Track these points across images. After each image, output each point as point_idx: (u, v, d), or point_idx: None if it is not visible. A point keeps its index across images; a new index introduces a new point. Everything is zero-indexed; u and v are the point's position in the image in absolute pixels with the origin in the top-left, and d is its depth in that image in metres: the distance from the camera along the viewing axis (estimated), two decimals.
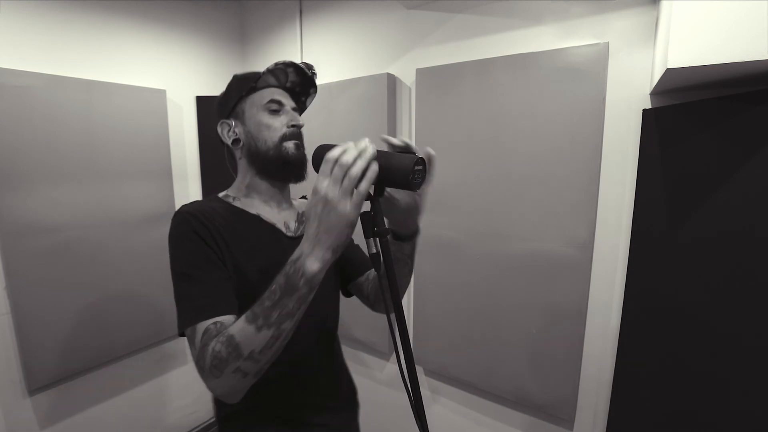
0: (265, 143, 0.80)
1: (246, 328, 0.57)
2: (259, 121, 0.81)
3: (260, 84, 0.83)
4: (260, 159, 0.81)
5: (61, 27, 1.59)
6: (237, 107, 0.84)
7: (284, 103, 0.84)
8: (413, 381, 0.61)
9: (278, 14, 2.10)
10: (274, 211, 0.86)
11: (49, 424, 1.65)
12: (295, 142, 0.83)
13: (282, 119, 0.83)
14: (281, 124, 0.82)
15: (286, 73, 0.85)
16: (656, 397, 1.14)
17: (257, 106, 0.82)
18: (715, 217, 0.99)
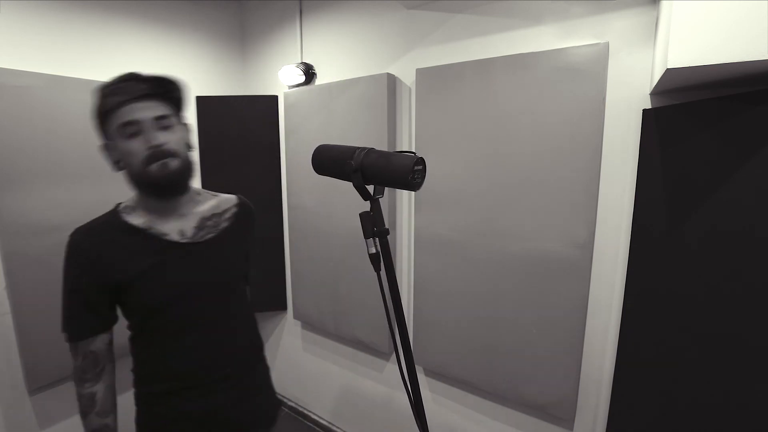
0: (132, 168, 0.82)
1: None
2: (120, 148, 0.81)
3: (109, 105, 0.81)
4: (134, 181, 0.85)
5: (61, 27, 1.59)
6: (105, 131, 0.84)
7: (141, 120, 0.80)
8: (413, 381, 0.61)
9: (278, 14, 2.10)
10: (165, 222, 0.90)
11: (49, 424, 1.65)
12: (160, 163, 0.81)
13: (140, 141, 0.80)
14: (140, 147, 0.80)
15: (124, 89, 0.81)
16: (656, 397, 1.14)
17: (114, 131, 0.81)
18: (715, 217, 0.99)
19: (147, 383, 0.95)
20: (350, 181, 0.63)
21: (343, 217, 1.86)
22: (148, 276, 0.85)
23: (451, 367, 1.63)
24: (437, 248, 1.60)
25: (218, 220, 0.99)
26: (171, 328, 0.90)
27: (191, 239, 0.91)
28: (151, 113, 0.81)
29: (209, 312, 0.93)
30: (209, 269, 0.93)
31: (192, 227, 0.93)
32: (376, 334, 1.85)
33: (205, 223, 0.95)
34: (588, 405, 1.38)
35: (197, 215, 0.95)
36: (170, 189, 0.86)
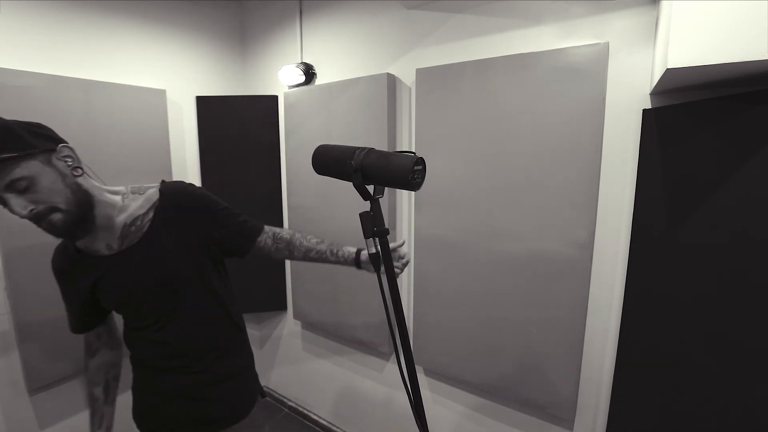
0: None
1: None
2: None
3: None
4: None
5: (61, 27, 1.59)
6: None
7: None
8: (413, 381, 0.61)
9: (278, 14, 2.10)
10: (92, 242, 0.94)
11: (49, 424, 1.65)
12: (45, 222, 0.79)
13: (13, 212, 0.77)
14: (18, 216, 0.77)
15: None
16: (656, 397, 1.14)
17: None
18: (715, 217, 0.99)
19: (134, 362, 1.10)
20: (350, 181, 0.63)
21: (343, 217, 1.86)
22: (97, 288, 0.96)
23: (451, 367, 1.63)
24: (437, 248, 1.60)
25: (141, 223, 0.96)
26: (137, 324, 1.01)
27: (117, 250, 0.95)
28: (3, 180, 0.74)
29: (158, 310, 0.99)
30: (140, 274, 0.95)
31: (116, 238, 0.95)
32: (376, 335, 1.85)
33: (129, 231, 0.95)
34: (588, 405, 1.38)
35: (119, 225, 0.95)
36: (70, 237, 0.88)
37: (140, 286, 0.96)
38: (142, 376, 1.10)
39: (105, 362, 1.11)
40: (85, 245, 0.95)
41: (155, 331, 1.00)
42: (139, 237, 0.96)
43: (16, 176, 0.74)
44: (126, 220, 0.96)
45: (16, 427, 1.55)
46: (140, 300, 0.97)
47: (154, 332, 1.00)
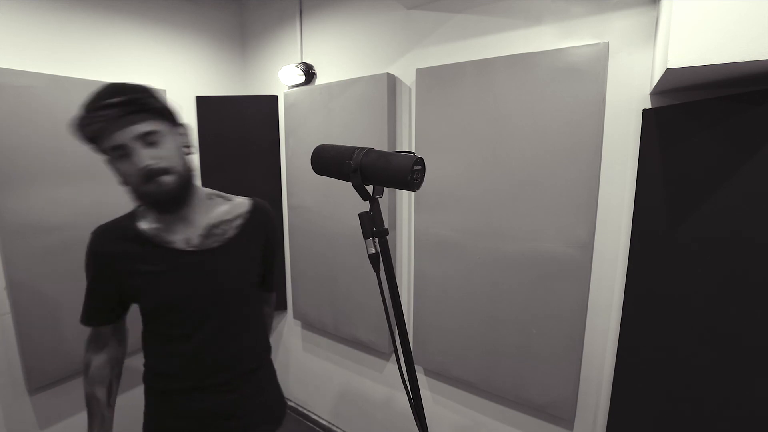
0: (129, 188, 0.83)
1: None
2: (115, 170, 0.82)
3: (89, 134, 0.78)
4: (135, 199, 0.86)
5: (61, 27, 1.59)
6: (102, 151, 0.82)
7: (124, 143, 0.77)
8: (413, 381, 0.61)
9: (278, 14, 2.10)
10: (172, 230, 0.90)
11: (49, 424, 1.65)
12: (155, 181, 0.79)
13: (132, 162, 0.78)
14: (131, 168, 0.78)
15: (98, 118, 0.77)
16: (656, 397, 1.14)
17: (106, 155, 0.81)
18: (715, 217, 0.99)
19: (155, 380, 0.97)
20: (349, 181, 0.63)
21: (343, 217, 1.85)
22: (151, 284, 0.88)
23: (451, 367, 1.63)
24: (437, 249, 1.60)
25: (226, 227, 0.96)
26: (175, 332, 0.92)
27: (196, 247, 0.91)
28: (132, 133, 0.77)
29: (212, 318, 0.93)
30: (211, 277, 0.92)
31: (198, 235, 0.92)
32: (376, 334, 1.85)
33: (213, 231, 0.94)
34: (588, 405, 1.37)
35: (205, 223, 0.93)
36: (169, 204, 0.85)
37: (202, 292, 0.91)
38: (162, 396, 0.97)
39: (113, 357, 1.01)
40: (158, 232, 0.89)
41: (192, 344, 0.91)
42: (221, 242, 0.94)
43: (150, 129, 0.79)
44: (212, 221, 0.95)
45: (16, 427, 1.55)
46: (193, 306, 0.91)
47: (190, 344, 0.91)
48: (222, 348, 0.95)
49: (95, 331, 0.98)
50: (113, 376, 1.04)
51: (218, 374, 0.94)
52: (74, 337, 1.64)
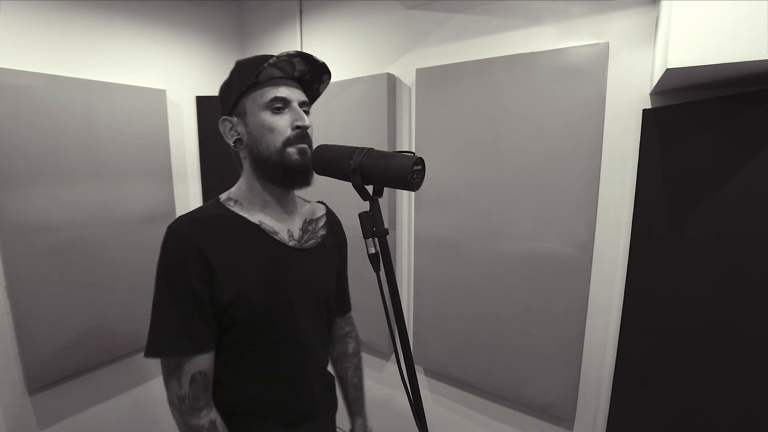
0: (268, 147, 0.74)
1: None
2: (261, 122, 0.74)
3: (262, 77, 0.74)
4: (262, 163, 0.76)
5: (61, 27, 1.59)
6: (239, 104, 0.76)
7: (290, 99, 0.76)
8: (413, 381, 0.61)
9: (278, 14, 2.10)
10: (277, 219, 0.81)
11: (49, 424, 1.65)
12: (300, 147, 0.75)
13: (286, 119, 0.75)
14: (285, 125, 0.75)
15: (293, 63, 0.77)
16: (656, 397, 1.14)
17: (259, 104, 0.74)
18: (715, 217, 0.99)
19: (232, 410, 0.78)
20: (349, 181, 0.63)
21: (343, 217, 1.85)
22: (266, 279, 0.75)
23: (451, 367, 1.63)
24: (437, 248, 1.60)
25: (315, 228, 0.90)
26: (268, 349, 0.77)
27: (298, 243, 0.82)
28: (299, 97, 0.77)
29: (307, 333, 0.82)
30: (312, 280, 0.83)
31: (298, 229, 0.84)
32: (376, 334, 1.85)
33: (308, 228, 0.87)
34: (588, 405, 1.37)
35: (301, 217, 0.88)
36: (301, 177, 0.76)
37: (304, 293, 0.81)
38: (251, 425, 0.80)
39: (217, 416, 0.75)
40: (266, 219, 0.79)
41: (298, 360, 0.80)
42: (316, 239, 0.87)
43: (308, 101, 0.81)
44: (308, 216, 0.90)
45: (16, 427, 1.55)
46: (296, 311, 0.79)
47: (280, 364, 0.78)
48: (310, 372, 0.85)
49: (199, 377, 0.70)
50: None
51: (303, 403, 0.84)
52: (74, 337, 1.64)
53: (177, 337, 0.69)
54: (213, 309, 0.71)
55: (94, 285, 1.69)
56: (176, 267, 0.69)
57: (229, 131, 0.78)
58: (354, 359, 1.04)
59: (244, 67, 0.76)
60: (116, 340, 1.79)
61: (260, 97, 0.74)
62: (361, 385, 1.06)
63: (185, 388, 0.70)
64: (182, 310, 0.69)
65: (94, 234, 1.68)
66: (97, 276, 1.70)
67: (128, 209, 1.79)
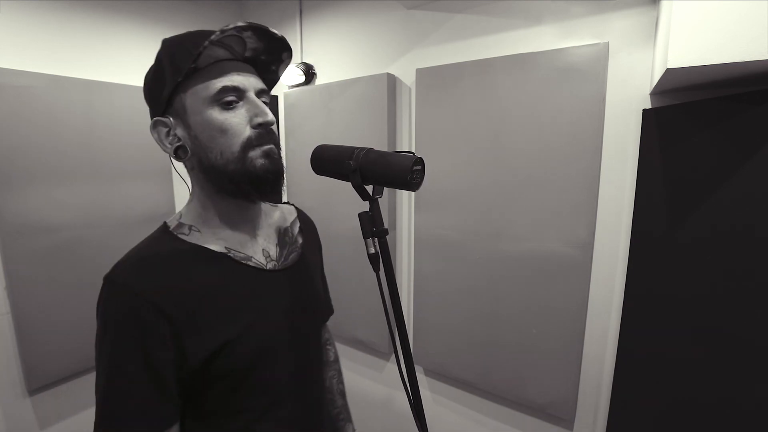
0: (222, 154, 0.57)
1: None
2: (208, 122, 0.56)
3: (203, 62, 0.56)
4: (217, 175, 0.58)
5: (61, 27, 1.59)
6: (174, 99, 0.58)
7: (245, 88, 0.58)
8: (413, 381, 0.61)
9: (278, 14, 2.10)
10: (246, 240, 0.65)
11: (49, 424, 1.65)
12: (265, 149, 0.59)
13: (242, 114, 0.58)
14: (242, 122, 0.57)
15: (243, 40, 0.59)
16: (656, 397, 1.14)
17: (203, 98, 0.56)
18: (716, 217, 0.99)
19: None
20: (349, 181, 0.62)
21: (343, 217, 1.85)
22: (251, 318, 0.61)
23: (451, 367, 1.63)
24: (437, 248, 1.60)
25: (292, 237, 0.75)
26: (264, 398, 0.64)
27: (278, 263, 0.68)
28: (256, 84, 0.60)
29: (308, 363, 0.71)
30: (304, 302, 0.71)
31: (274, 245, 0.70)
32: (376, 334, 1.85)
33: (284, 241, 0.72)
34: (588, 405, 1.37)
35: (272, 228, 0.72)
36: (270, 187, 0.61)
37: (300, 323, 0.69)
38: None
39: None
40: (228, 245, 0.63)
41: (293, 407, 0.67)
42: (297, 251, 0.73)
43: (267, 89, 0.64)
44: (280, 224, 0.74)
45: (16, 427, 1.55)
46: (287, 349, 0.66)
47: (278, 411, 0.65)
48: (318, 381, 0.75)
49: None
50: None
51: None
52: (74, 337, 1.64)
53: (132, 421, 0.55)
54: (182, 372, 0.56)
55: (94, 285, 1.65)
56: (123, 332, 0.55)
57: (165, 138, 0.60)
58: (336, 366, 0.97)
59: (176, 47, 0.57)
60: None
61: (204, 89, 0.56)
62: (345, 392, 0.99)
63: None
64: (135, 387, 0.54)
65: (94, 234, 1.68)
66: (97, 276, 1.66)
67: (128, 209, 1.79)
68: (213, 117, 0.56)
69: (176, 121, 0.59)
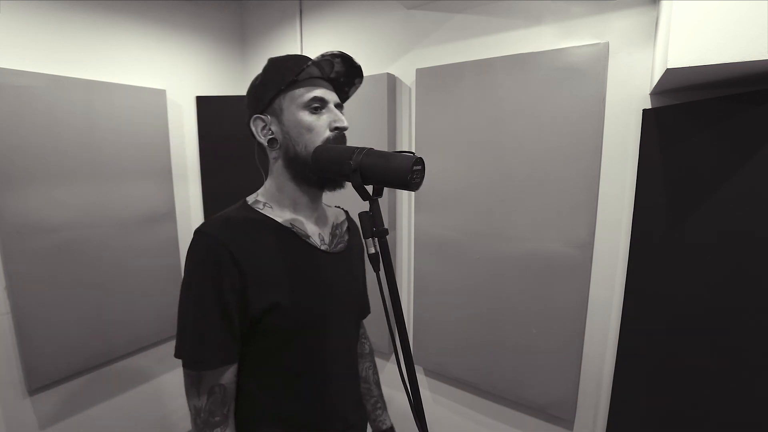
0: (306, 147, 0.71)
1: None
2: (299, 121, 0.72)
3: (303, 76, 0.74)
4: (298, 163, 0.72)
5: (61, 27, 1.59)
6: (274, 102, 0.74)
7: (327, 100, 0.74)
8: (413, 381, 0.61)
9: (278, 14, 2.10)
10: (308, 221, 0.78)
11: (49, 424, 1.65)
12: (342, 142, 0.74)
13: (324, 119, 0.73)
14: (324, 125, 0.73)
15: (332, 63, 0.77)
16: (656, 397, 1.14)
17: (297, 103, 0.72)
18: (715, 217, 0.99)
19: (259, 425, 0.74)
20: (349, 182, 0.63)
21: None
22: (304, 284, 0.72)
23: (451, 367, 1.63)
24: (437, 248, 1.60)
25: (341, 232, 0.87)
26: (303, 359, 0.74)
27: (329, 247, 0.80)
28: (335, 98, 0.77)
29: (342, 343, 0.80)
30: (348, 285, 0.82)
31: (328, 233, 0.82)
32: (376, 334, 1.84)
33: (336, 231, 0.84)
34: (588, 405, 1.37)
35: (330, 220, 0.85)
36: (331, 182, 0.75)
37: (338, 299, 0.78)
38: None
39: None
40: (297, 222, 0.76)
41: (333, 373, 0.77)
42: (344, 243, 0.85)
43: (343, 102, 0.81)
44: (334, 220, 0.86)
45: (16, 427, 1.55)
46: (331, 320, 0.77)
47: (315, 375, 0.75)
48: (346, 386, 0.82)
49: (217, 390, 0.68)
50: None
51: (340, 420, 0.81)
52: (74, 337, 1.64)
53: (199, 347, 0.66)
54: (244, 318, 0.68)
55: (94, 285, 1.69)
56: (205, 273, 0.66)
57: (261, 130, 0.75)
58: (371, 358, 1.05)
59: (280, 65, 0.77)
60: (116, 340, 1.79)
61: (299, 96, 0.73)
62: (380, 383, 1.08)
63: (203, 401, 0.67)
64: (208, 320, 0.66)
65: (94, 234, 1.68)
66: (97, 276, 1.70)
67: (128, 209, 1.79)
68: (303, 118, 0.72)
69: (272, 118, 0.74)
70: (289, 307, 0.69)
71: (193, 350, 0.67)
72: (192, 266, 0.68)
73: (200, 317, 0.66)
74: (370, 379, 1.03)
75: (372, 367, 1.05)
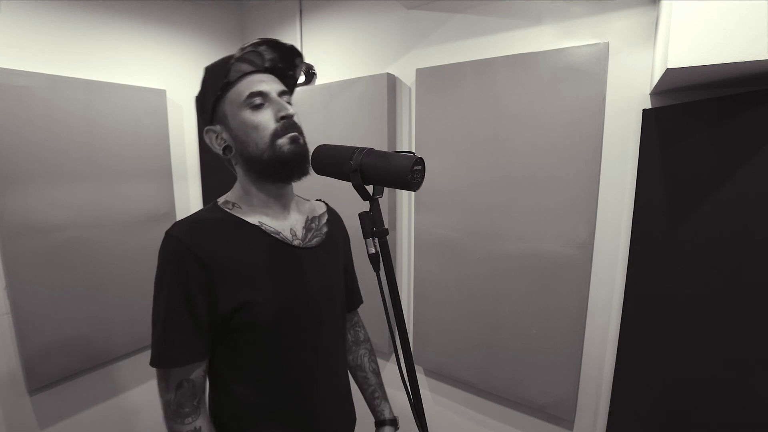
0: (257, 146, 0.72)
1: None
2: (243, 122, 0.72)
3: (233, 76, 0.72)
4: (255, 164, 0.73)
5: (61, 27, 1.59)
6: (217, 109, 0.75)
7: (267, 92, 0.72)
8: (413, 381, 0.61)
9: (278, 14, 2.10)
10: (277, 218, 0.79)
11: (49, 424, 1.65)
12: (290, 136, 0.72)
13: (268, 113, 0.72)
14: (268, 118, 0.72)
15: (260, 53, 0.74)
16: (656, 397, 1.14)
17: (237, 104, 0.72)
18: (716, 217, 0.99)
19: (236, 420, 0.76)
20: (349, 181, 0.63)
21: (343, 217, 1.85)
22: (272, 281, 0.73)
23: (451, 367, 1.63)
24: (437, 248, 1.60)
25: (318, 225, 0.87)
26: (277, 354, 0.75)
27: (302, 242, 0.80)
28: (276, 87, 0.74)
29: (323, 337, 0.80)
30: (321, 277, 0.81)
31: (301, 227, 0.82)
32: (375, 334, 1.84)
33: (311, 225, 0.85)
34: (588, 405, 1.37)
35: (302, 214, 0.86)
36: (297, 169, 0.74)
37: (312, 294, 0.79)
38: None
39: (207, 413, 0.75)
40: (263, 220, 0.77)
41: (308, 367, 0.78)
42: (320, 237, 0.85)
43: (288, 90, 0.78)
44: (309, 213, 0.87)
45: (16, 427, 1.55)
46: (305, 314, 0.77)
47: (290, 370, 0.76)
48: (321, 380, 0.81)
49: (186, 384, 0.70)
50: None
51: (316, 414, 0.80)
52: (74, 337, 1.64)
53: (167, 346, 0.68)
54: (214, 317, 0.69)
55: (94, 285, 1.69)
56: (172, 275, 0.68)
57: (215, 141, 0.77)
58: (367, 345, 1.05)
59: (213, 70, 0.74)
60: (116, 340, 1.79)
61: (236, 96, 0.72)
62: (379, 371, 1.07)
63: (171, 393, 0.69)
64: (175, 320, 0.68)
65: (93, 234, 1.68)
66: (97, 276, 1.70)
67: (128, 209, 1.79)
68: (246, 117, 0.72)
69: (221, 126, 0.75)
70: (260, 303, 0.71)
71: (162, 349, 0.68)
72: (159, 268, 0.70)
73: (168, 317, 0.68)
74: (366, 367, 1.03)
75: (368, 354, 1.05)
